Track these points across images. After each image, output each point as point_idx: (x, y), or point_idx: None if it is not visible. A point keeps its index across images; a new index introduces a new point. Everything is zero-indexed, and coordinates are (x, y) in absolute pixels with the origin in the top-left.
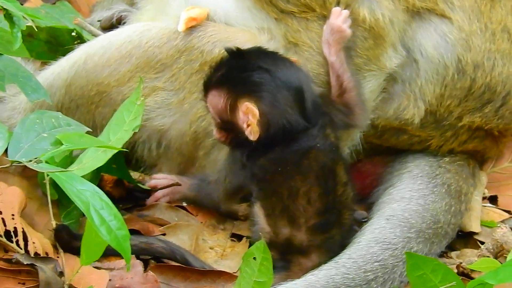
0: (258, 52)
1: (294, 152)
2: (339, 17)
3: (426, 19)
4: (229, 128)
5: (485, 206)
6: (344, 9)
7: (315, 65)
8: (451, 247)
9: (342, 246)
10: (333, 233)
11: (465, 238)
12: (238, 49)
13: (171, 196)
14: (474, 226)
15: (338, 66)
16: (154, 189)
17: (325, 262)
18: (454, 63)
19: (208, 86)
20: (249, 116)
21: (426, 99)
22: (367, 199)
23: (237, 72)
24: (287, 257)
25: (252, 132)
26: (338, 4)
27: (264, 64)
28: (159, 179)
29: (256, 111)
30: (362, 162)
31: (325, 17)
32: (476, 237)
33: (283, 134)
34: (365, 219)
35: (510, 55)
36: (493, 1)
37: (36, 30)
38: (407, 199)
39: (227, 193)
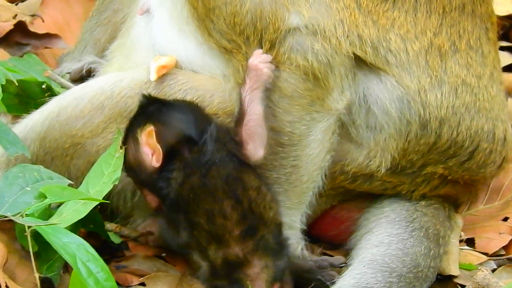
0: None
1: (197, 175)
2: (257, 58)
3: (374, 72)
4: (144, 179)
5: (462, 249)
6: (269, 47)
7: None
8: None
9: (279, 243)
10: (262, 233)
11: (444, 282)
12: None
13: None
14: (453, 269)
15: (245, 102)
16: (127, 239)
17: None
18: (417, 119)
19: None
20: (150, 141)
21: (390, 153)
22: (343, 245)
23: (131, 121)
24: (234, 277)
25: (156, 156)
26: (260, 40)
27: (154, 103)
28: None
29: (153, 129)
30: (337, 208)
31: None
32: (455, 280)
33: (184, 147)
34: (343, 265)
35: (476, 108)
36: (443, 56)
37: (6, 83)
38: (386, 244)
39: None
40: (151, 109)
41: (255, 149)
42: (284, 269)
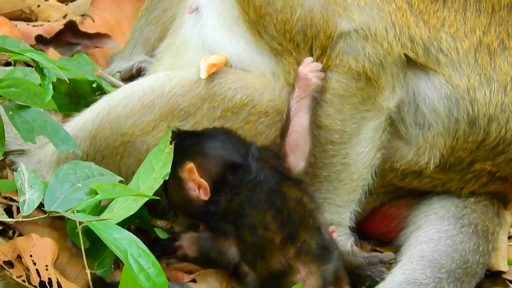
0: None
1: (244, 193)
2: (307, 67)
3: (423, 70)
4: (194, 212)
5: (511, 245)
6: (320, 53)
7: None
8: (479, 287)
9: (323, 247)
10: (303, 238)
11: (493, 278)
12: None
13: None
14: (501, 265)
15: (292, 111)
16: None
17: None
18: (466, 117)
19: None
20: (193, 177)
21: (438, 150)
22: (393, 242)
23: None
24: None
25: (203, 190)
26: (310, 47)
27: (188, 137)
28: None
29: (193, 166)
30: (387, 205)
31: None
32: (504, 276)
33: (228, 173)
34: (393, 261)
35: None
36: (492, 54)
37: (57, 82)
38: (436, 240)
39: None
40: (186, 144)
41: (296, 162)
42: (336, 271)
